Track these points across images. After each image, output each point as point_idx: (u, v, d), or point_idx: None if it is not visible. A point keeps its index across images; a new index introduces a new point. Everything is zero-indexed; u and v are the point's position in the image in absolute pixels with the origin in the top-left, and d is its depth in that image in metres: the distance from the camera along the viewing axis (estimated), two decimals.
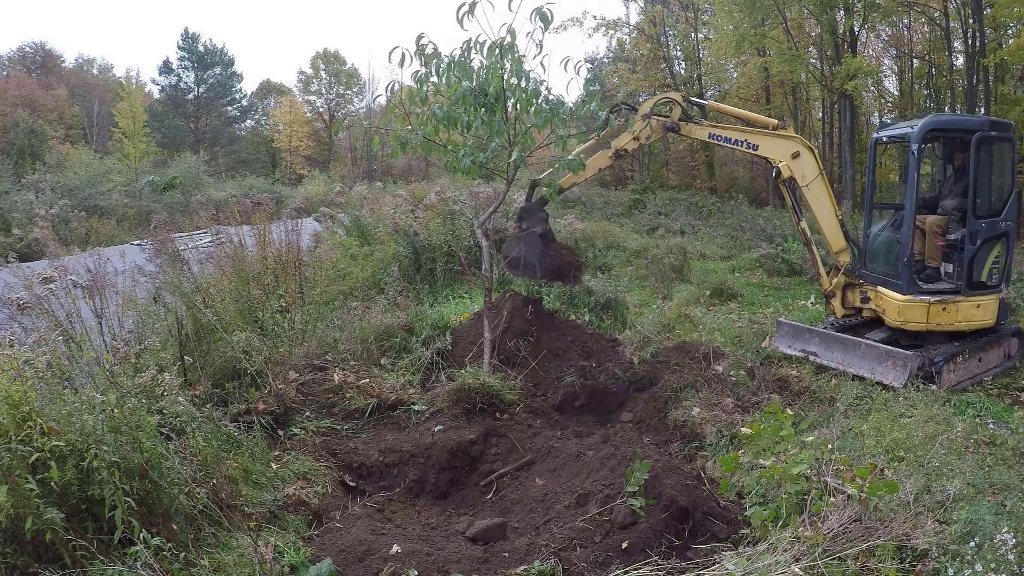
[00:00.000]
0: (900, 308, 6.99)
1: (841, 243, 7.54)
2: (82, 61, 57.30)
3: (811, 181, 7.22)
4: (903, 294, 6.99)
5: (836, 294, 7.74)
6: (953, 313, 6.96)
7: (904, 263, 6.96)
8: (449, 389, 6.15)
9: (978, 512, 3.58)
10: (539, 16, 5.95)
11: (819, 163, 7.28)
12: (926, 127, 7.00)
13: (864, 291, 7.64)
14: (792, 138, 7.24)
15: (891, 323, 7.19)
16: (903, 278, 7.02)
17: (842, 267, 7.59)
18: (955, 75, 21.75)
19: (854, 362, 6.83)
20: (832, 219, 7.41)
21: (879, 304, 7.42)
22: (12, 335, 4.36)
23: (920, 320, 6.98)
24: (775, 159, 7.21)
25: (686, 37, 29.65)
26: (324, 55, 52.57)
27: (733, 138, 7.23)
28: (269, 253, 7.67)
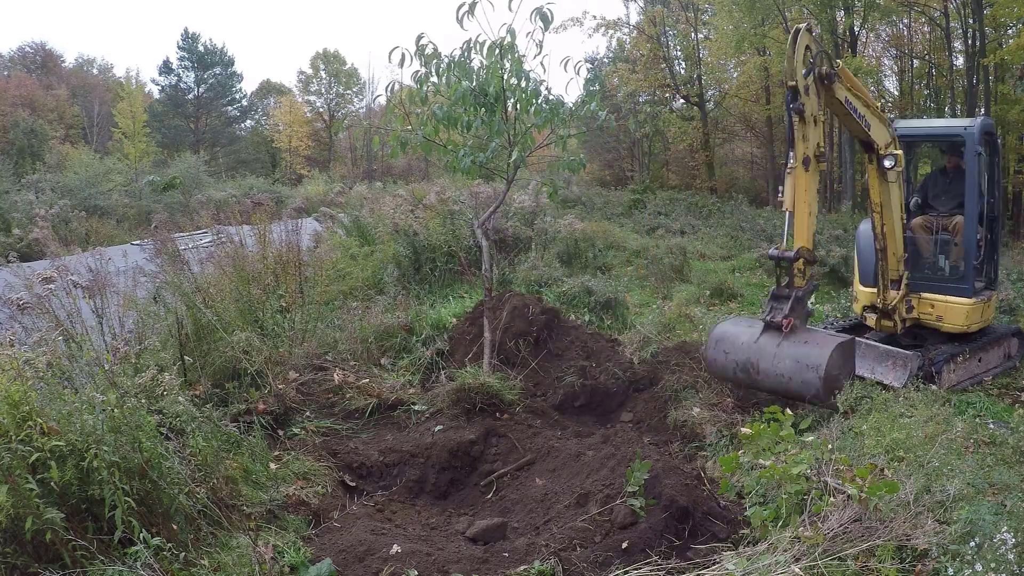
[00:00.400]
0: (969, 312, 6.89)
1: (902, 249, 6.94)
2: (82, 61, 57.33)
3: (896, 177, 6.65)
4: (969, 297, 6.89)
5: (898, 308, 6.98)
6: (989, 309, 7.11)
7: (972, 267, 6.86)
8: (449, 389, 6.15)
9: (978, 512, 3.58)
10: (539, 16, 5.95)
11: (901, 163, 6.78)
12: (985, 127, 6.94)
13: (909, 299, 7.14)
14: (889, 125, 6.71)
15: (954, 329, 6.95)
16: (968, 281, 6.90)
17: (903, 276, 6.96)
18: (955, 75, 21.76)
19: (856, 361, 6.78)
20: (900, 223, 6.82)
21: (927, 311, 7.09)
22: (13, 335, 4.36)
23: (978, 321, 7.00)
24: (880, 144, 6.52)
25: (686, 37, 29.65)
26: (324, 55, 52.57)
27: (859, 110, 6.22)
28: (269, 253, 7.67)
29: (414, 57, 6.20)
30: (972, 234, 6.88)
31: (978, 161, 6.76)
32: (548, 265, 10.64)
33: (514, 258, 10.97)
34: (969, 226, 6.90)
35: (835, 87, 5.84)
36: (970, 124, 6.89)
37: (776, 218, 18.79)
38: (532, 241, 11.73)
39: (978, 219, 7.09)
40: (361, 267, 10.49)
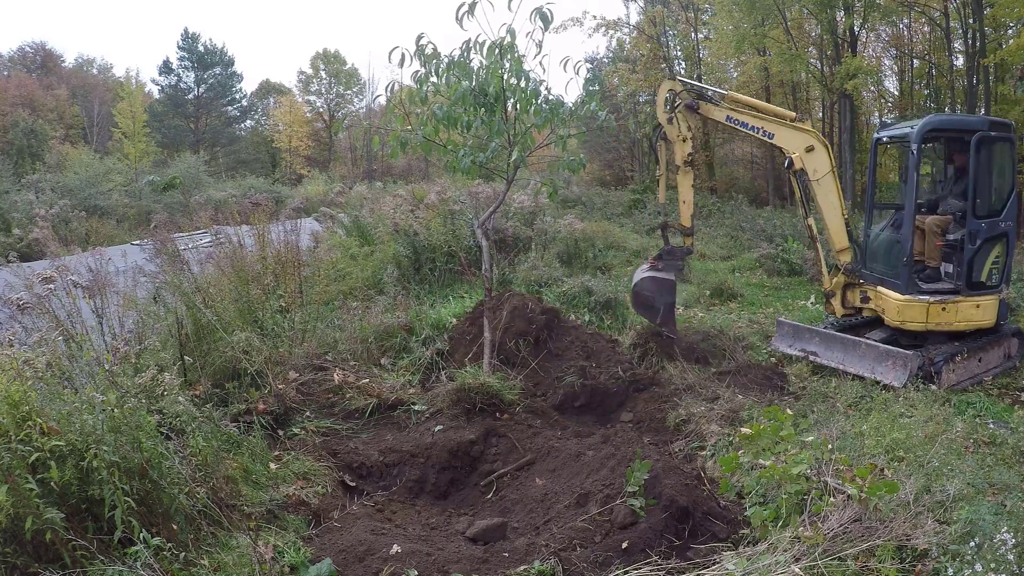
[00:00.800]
0: (900, 308, 7.00)
1: (844, 242, 7.54)
2: (82, 61, 57.34)
3: (822, 176, 7.25)
4: (902, 294, 7.00)
5: (836, 293, 7.77)
6: (953, 313, 6.95)
7: (904, 263, 6.98)
8: (449, 389, 6.15)
9: (978, 512, 3.58)
10: (539, 16, 5.95)
11: (832, 161, 7.29)
12: (925, 127, 7.01)
13: (864, 291, 7.66)
14: (808, 132, 7.31)
15: (890, 323, 7.22)
16: (902, 278, 7.03)
17: (843, 266, 7.61)
18: (955, 75, 21.75)
19: (854, 362, 6.83)
20: (838, 217, 7.42)
21: (879, 304, 7.44)
22: (13, 335, 4.36)
23: (919, 320, 6.98)
24: (789, 149, 7.29)
25: (686, 37, 29.65)
26: (324, 55, 52.58)
27: (751, 124, 7.35)
28: (269, 253, 7.67)
29: (414, 57, 6.19)
30: (908, 232, 7.05)
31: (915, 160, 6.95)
32: (548, 265, 10.65)
33: (514, 258, 10.97)
34: (906, 224, 7.12)
35: (707, 110, 7.51)
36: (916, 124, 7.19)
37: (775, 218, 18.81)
38: (532, 241, 11.73)
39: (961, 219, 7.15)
40: (361, 267, 10.49)
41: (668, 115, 7.44)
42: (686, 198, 7.76)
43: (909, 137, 7.04)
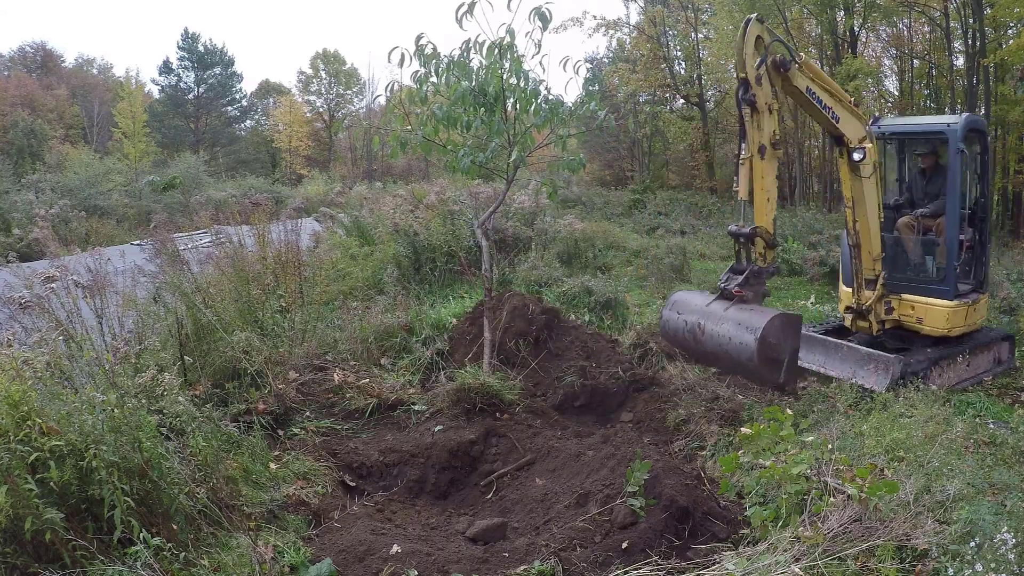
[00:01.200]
0: (950, 315, 6.75)
1: (878, 249, 6.85)
2: (82, 61, 57.34)
3: (871, 174, 6.51)
4: (950, 299, 6.76)
5: (874, 308, 6.93)
6: (977, 312, 6.96)
7: (953, 268, 6.73)
8: (449, 389, 6.15)
9: (978, 512, 3.58)
10: (538, 16, 5.95)
11: (878, 158, 6.67)
12: (968, 125, 6.75)
13: (888, 301, 7.05)
14: (862, 119, 6.56)
15: (933, 331, 6.88)
16: (950, 282, 6.78)
17: (879, 276, 6.89)
18: (955, 75, 21.75)
19: (835, 365, 6.64)
20: (877, 222, 6.73)
21: (908, 313, 7.02)
22: (13, 335, 4.36)
23: (962, 325, 6.84)
24: (851, 138, 6.42)
25: (686, 37, 29.66)
26: (324, 55, 52.58)
27: (825, 102, 6.16)
28: (269, 253, 7.67)
29: (413, 57, 6.20)
30: (954, 235, 6.72)
31: (960, 159, 6.60)
32: (548, 265, 10.65)
33: (514, 258, 10.97)
34: (951, 226, 6.75)
35: (793, 75, 5.84)
36: (954, 121, 6.76)
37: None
38: (532, 241, 11.73)
39: (966, 220, 6.98)
40: (361, 267, 10.49)
41: (758, 72, 5.57)
42: (771, 193, 5.83)
43: (947, 135, 6.72)
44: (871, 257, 6.82)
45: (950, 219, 6.76)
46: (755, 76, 5.57)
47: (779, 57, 5.73)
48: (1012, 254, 14.23)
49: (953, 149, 6.62)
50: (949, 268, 6.80)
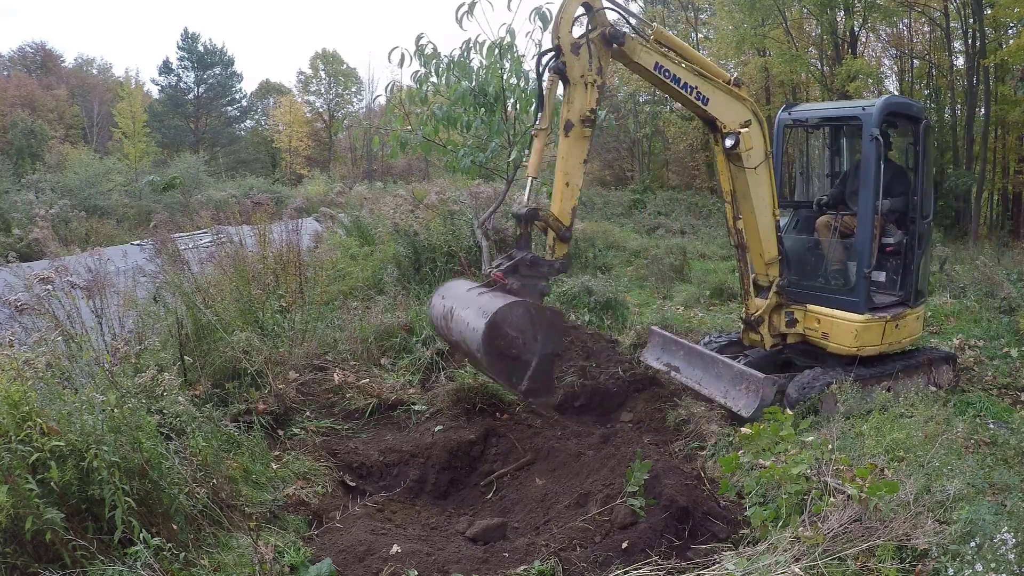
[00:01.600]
0: (859, 331, 5.82)
1: (774, 252, 6.01)
2: (82, 61, 57.40)
3: (759, 163, 5.62)
4: (861, 313, 5.83)
5: (766, 319, 6.16)
6: (902, 329, 6.03)
7: (863, 276, 5.83)
8: (449, 389, 6.15)
9: (978, 512, 3.58)
10: (539, 16, 5.95)
11: (768, 142, 5.73)
12: (886, 108, 5.84)
13: (791, 311, 6.20)
14: (745, 100, 5.61)
15: (841, 350, 5.99)
16: (860, 294, 5.85)
17: (773, 283, 6.08)
18: (955, 75, 21.76)
19: (710, 382, 5.90)
20: (770, 217, 5.86)
21: (813, 327, 6.14)
22: (12, 335, 4.36)
23: (876, 343, 5.93)
24: (726, 122, 5.50)
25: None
26: (323, 55, 52.60)
27: (684, 80, 5.25)
28: (269, 253, 7.67)
29: (414, 57, 6.20)
30: (867, 236, 5.81)
31: (875, 148, 5.69)
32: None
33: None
34: (863, 227, 5.86)
35: (633, 50, 4.99)
36: (870, 104, 5.87)
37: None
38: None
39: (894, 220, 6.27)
40: (361, 267, 10.50)
41: (576, 40, 4.76)
42: (572, 178, 4.88)
43: (861, 119, 5.86)
44: (763, 261, 6.01)
45: (862, 218, 5.88)
46: (571, 44, 4.73)
47: (609, 30, 4.85)
48: (1012, 254, 14.24)
49: (867, 136, 5.76)
50: (859, 276, 5.86)
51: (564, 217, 4.85)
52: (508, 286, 4.66)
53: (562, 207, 4.85)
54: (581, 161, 4.94)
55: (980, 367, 7.28)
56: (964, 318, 8.97)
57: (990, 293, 9.62)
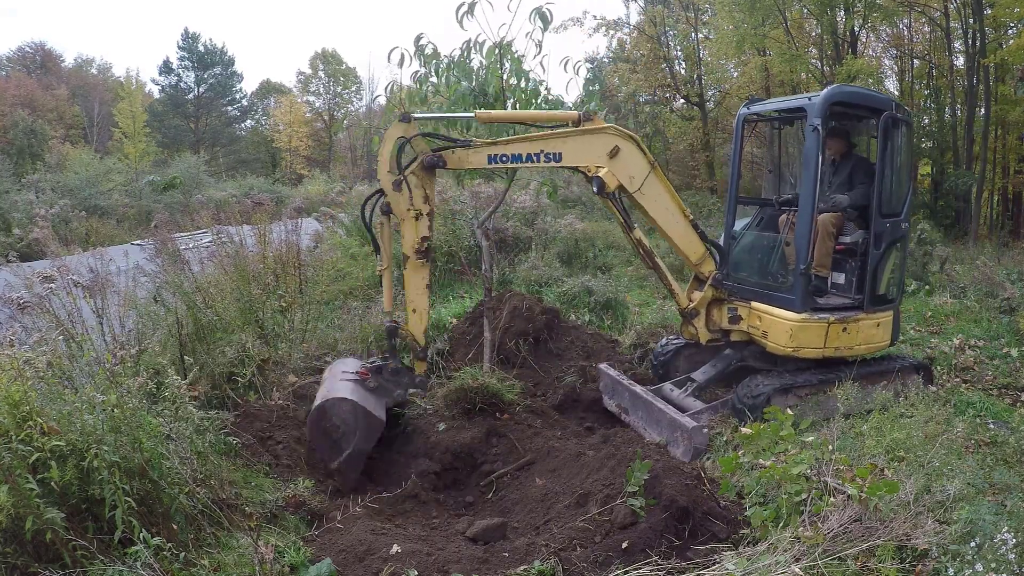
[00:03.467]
0: (794, 331, 5.58)
1: (698, 249, 5.98)
2: (82, 61, 57.39)
3: (643, 182, 5.55)
4: (798, 312, 5.61)
5: (700, 313, 6.13)
6: (853, 334, 5.76)
7: (800, 273, 5.61)
8: (449, 389, 6.15)
9: (978, 512, 3.58)
10: (539, 16, 5.94)
11: (647, 154, 5.59)
12: (831, 98, 5.59)
13: (734, 307, 6.12)
14: (603, 130, 5.41)
15: (777, 349, 5.80)
16: (797, 292, 5.63)
17: (708, 277, 6.05)
18: (955, 75, 21.75)
19: (652, 427, 5.75)
20: (681, 222, 5.86)
21: (756, 325, 5.97)
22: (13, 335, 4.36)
23: (817, 345, 5.66)
24: (589, 166, 5.38)
25: (686, 37, 29.65)
26: (323, 55, 52.59)
27: (525, 153, 5.20)
28: (269, 253, 7.68)
29: (414, 57, 6.19)
30: (804, 231, 5.59)
31: (816, 139, 5.45)
32: (548, 265, 10.65)
33: (514, 258, 10.98)
34: (801, 222, 5.65)
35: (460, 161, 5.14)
36: (816, 95, 5.69)
37: None
38: (532, 241, 11.74)
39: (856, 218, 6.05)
40: (361, 267, 10.50)
41: (397, 178, 4.93)
42: (417, 304, 5.25)
43: (806, 110, 5.64)
44: (692, 262, 6.01)
45: (801, 213, 5.67)
46: (392, 183, 4.92)
47: (427, 159, 4.98)
48: (1012, 254, 14.25)
49: (808, 126, 5.53)
50: (795, 272, 5.64)
51: (419, 339, 5.34)
52: (368, 383, 5.31)
53: (415, 330, 5.31)
54: (424, 287, 5.26)
55: (980, 367, 7.28)
56: (964, 318, 8.97)
57: (990, 293, 9.61)
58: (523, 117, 5.62)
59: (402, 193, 4.97)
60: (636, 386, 6.07)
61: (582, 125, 5.34)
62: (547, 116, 5.62)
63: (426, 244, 5.11)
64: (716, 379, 6.33)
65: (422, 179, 5.03)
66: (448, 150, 5.09)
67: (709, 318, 6.20)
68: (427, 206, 5.08)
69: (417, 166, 4.99)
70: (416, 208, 5.03)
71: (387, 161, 4.94)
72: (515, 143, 5.24)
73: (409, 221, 5.05)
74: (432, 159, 5.01)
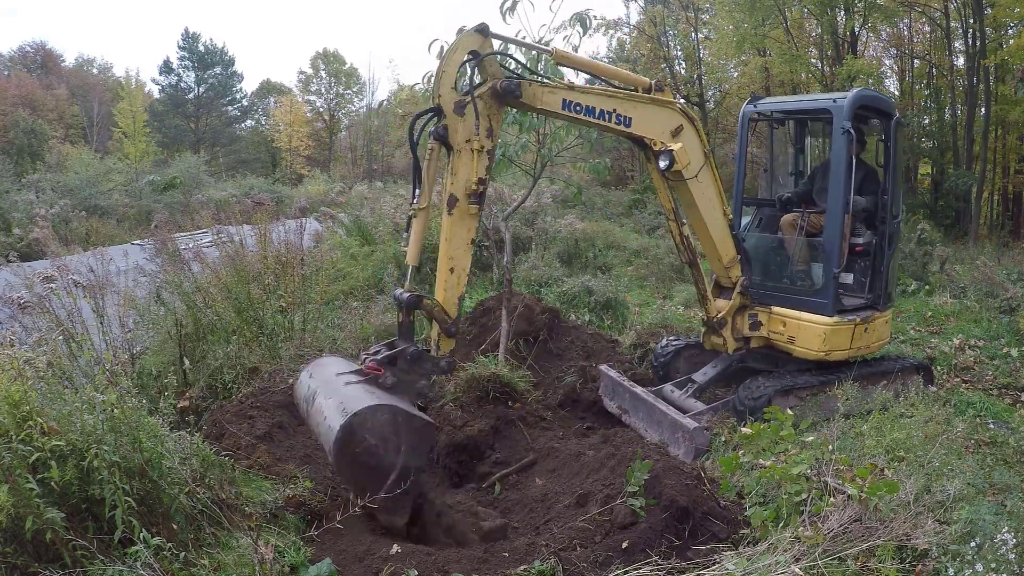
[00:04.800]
0: (827, 334, 5.54)
1: (731, 251, 5.81)
2: (82, 61, 57.40)
3: (699, 169, 5.24)
4: (830, 315, 5.57)
5: (728, 321, 5.96)
6: (872, 333, 5.78)
7: (831, 276, 5.59)
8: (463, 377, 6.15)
9: (978, 512, 3.58)
10: (579, 21, 5.99)
11: (705, 142, 5.37)
12: (858, 101, 5.58)
13: (755, 313, 5.98)
14: (670, 104, 5.13)
15: (808, 354, 5.74)
16: (829, 295, 5.61)
17: (735, 284, 5.92)
18: (955, 75, 21.75)
19: (653, 427, 5.72)
20: (722, 219, 5.61)
21: (778, 330, 5.87)
22: (13, 334, 4.36)
23: (844, 347, 5.66)
24: (655, 138, 5.04)
25: (686, 37, 29.66)
26: (324, 55, 52.57)
27: (599, 108, 4.75)
28: (269, 253, 7.68)
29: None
30: (835, 235, 5.53)
31: (847, 142, 5.45)
32: (548, 265, 10.65)
33: (514, 258, 10.98)
34: (832, 225, 5.58)
35: (534, 97, 4.51)
36: (841, 97, 5.65)
37: None
38: (532, 241, 11.74)
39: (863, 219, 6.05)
40: (361, 267, 10.50)
41: (462, 99, 4.16)
42: (458, 262, 4.33)
43: (831, 112, 5.62)
44: (722, 264, 5.83)
45: (832, 216, 5.64)
46: (453, 103, 4.11)
47: (501, 83, 4.28)
48: (1012, 254, 14.25)
49: (838, 129, 5.50)
50: (828, 276, 5.63)
51: (450, 308, 4.32)
52: (382, 381, 4.08)
53: (447, 296, 4.31)
54: (468, 242, 4.33)
55: (980, 367, 7.28)
56: (964, 318, 8.97)
57: (990, 293, 9.62)
58: (599, 67, 5.20)
59: (465, 119, 4.14)
60: (637, 387, 6.02)
61: (653, 93, 5.02)
62: (623, 74, 5.16)
63: (482, 187, 4.25)
64: (717, 380, 6.30)
65: (490, 108, 4.30)
66: (525, 80, 4.46)
67: (734, 326, 6.00)
68: (490, 141, 4.30)
69: (487, 90, 4.27)
70: (480, 141, 4.19)
71: (453, 74, 4.14)
72: (592, 94, 4.76)
73: (467, 154, 4.19)
74: (509, 85, 4.29)
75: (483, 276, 10.67)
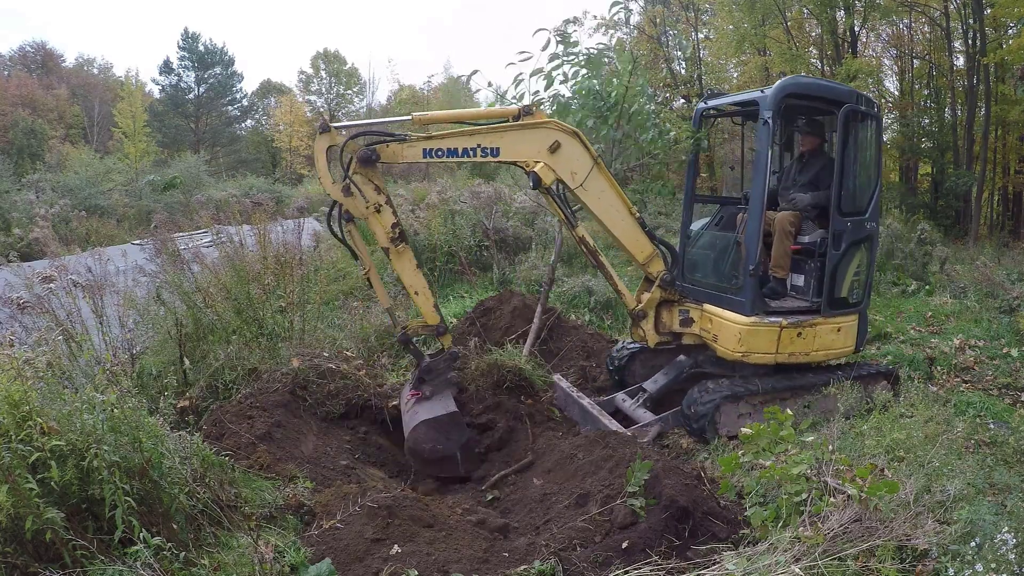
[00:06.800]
0: (743, 334, 5.34)
1: (647, 247, 5.78)
2: (82, 61, 57.39)
3: (586, 177, 5.36)
4: (746, 315, 5.37)
5: (649, 314, 5.97)
6: (810, 340, 5.50)
7: (748, 273, 5.37)
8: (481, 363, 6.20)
9: (978, 512, 3.58)
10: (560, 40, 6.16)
11: (590, 150, 5.40)
12: (784, 90, 5.32)
13: (686, 309, 5.93)
14: (543, 125, 5.23)
15: (726, 354, 5.57)
16: (746, 293, 5.39)
17: (657, 277, 5.87)
18: (955, 75, 21.75)
19: None
20: (627, 219, 5.67)
21: (707, 328, 5.77)
22: (13, 334, 4.36)
23: (768, 350, 5.40)
24: (528, 161, 5.23)
25: (686, 37, 29.65)
26: (324, 55, 52.58)
27: (461, 147, 5.10)
28: (269, 253, 7.67)
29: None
30: (755, 229, 5.33)
31: (767, 133, 5.25)
32: (548, 265, 10.65)
33: (514, 258, 10.98)
34: (752, 219, 5.39)
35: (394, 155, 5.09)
36: (769, 87, 5.45)
37: None
38: (532, 241, 11.74)
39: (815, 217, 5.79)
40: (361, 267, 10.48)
41: (344, 185, 4.98)
42: (416, 285, 5.36)
43: (758, 103, 5.39)
44: (639, 261, 5.83)
45: (751, 210, 5.43)
46: (341, 191, 4.98)
47: (360, 154, 4.98)
48: (1012, 254, 14.25)
49: (760, 119, 5.31)
50: (744, 273, 5.41)
51: (430, 317, 5.46)
52: (422, 396, 5.47)
53: (424, 310, 5.44)
54: (414, 269, 5.37)
55: (980, 367, 7.28)
56: (964, 318, 8.97)
57: (990, 293, 9.61)
58: (461, 116, 5.47)
59: (355, 196, 5.02)
60: (584, 399, 5.91)
61: (522, 120, 5.21)
62: (485, 113, 5.51)
63: (397, 230, 5.19)
64: (668, 388, 6.12)
65: (366, 174, 5.05)
66: (382, 143, 5.06)
67: (659, 320, 6.05)
68: (381, 196, 5.11)
69: (355, 165, 5.01)
70: (373, 202, 5.08)
71: (327, 174, 5.01)
72: (451, 137, 5.13)
73: (373, 217, 5.12)
74: (365, 152, 4.99)
75: (483, 276, 10.66)
